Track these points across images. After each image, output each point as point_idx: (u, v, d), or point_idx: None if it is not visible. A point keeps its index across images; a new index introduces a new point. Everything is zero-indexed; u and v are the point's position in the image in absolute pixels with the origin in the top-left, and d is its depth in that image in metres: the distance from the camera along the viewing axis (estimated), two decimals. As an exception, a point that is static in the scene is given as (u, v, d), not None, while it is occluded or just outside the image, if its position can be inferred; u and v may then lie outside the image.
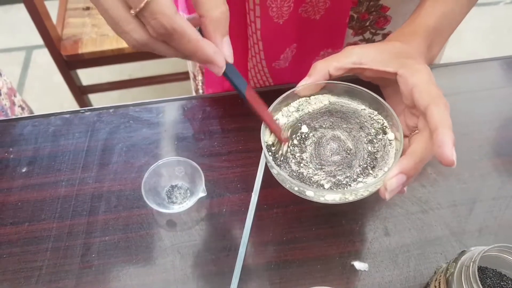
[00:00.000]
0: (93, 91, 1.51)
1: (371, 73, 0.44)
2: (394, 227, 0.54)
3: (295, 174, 0.42)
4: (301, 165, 0.43)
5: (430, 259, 0.52)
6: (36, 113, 0.69)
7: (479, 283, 0.38)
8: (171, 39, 0.35)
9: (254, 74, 0.67)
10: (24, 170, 0.60)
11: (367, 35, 0.64)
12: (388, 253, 0.52)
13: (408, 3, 0.59)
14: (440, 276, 0.45)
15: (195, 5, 0.37)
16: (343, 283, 0.50)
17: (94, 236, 0.54)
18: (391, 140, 0.44)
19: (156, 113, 0.65)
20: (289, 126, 0.46)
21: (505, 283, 0.44)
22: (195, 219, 0.55)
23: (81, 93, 1.47)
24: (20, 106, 1.00)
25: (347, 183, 0.42)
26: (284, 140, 0.44)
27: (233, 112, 0.65)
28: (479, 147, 0.61)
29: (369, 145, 0.44)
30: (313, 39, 0.61)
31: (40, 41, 1.26)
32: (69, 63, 1.33)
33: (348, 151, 0.44)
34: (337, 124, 0.46)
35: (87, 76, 1.56)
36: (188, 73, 0.87)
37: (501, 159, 0.60)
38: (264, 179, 0.56)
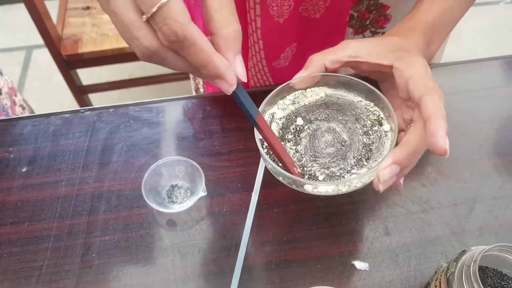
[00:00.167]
0: (93, 90, 1.51)
1: (367, 67, 0.44)
2: (394, 227, 0.54)
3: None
4: (295, 157, 0.43)
5: (430, 258, 0.52)
6: (36, 113, 0.69)
7: (480, 282, 0.38)
8: (182, 47, 0.33)
9: (254, 73, 0.67)
10: (24, 169, 0.60)
11: (367, 34, 0.64)
12: (388, 252, 0.52)
13: (408, 2, 0.59)
14: (440, 275, 0.45)
15: (207, 23, 0.35)
16: (344, 283, 0.50)
17: (94, 235, 0.54)
18: (387, 131, 0.44)
19: (156, 112, 0.65)
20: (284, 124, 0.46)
21: (506, 283, 0.44)
22: (195, 219, 0.55)
23: (81, 92, 1.47)
24: (20, 105, 1.00)
25: (341, 174, 0.41)
26: (297, 175, 0.42)
27: (233, 111, 0.65)
28: (479, 146, 0.61)
29: (364, 136, 0.44)
30: (313, 38, 0.61)
31: (40, 40, 1.26)
32: (69, 63, 1.33)
33: (343, 143, 0.44)
34: (332, 116, 0.46)
35: (87, 75, 1.56)
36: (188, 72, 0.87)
37: (501, 158, 0.60)
38: (264, 178, 0.57)
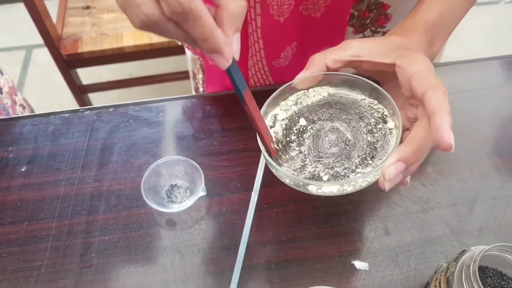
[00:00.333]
0: (93, 90, 1.51)
1: (369, 66, 0.44)
2: (394, 227, 0.54)
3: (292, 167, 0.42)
4: (299, 158, 0.43)
5: (430, 258, 0.51)
6: (36, 112, 0.69)
7: (480, 282, 0.38)
8: (185, 20, 0.32)
9: (254, 72, 0.67)
10: (23, 169, 0.59)
11: (368, 33, 0.64)
12: (388, 252, 0.52)
13: (408, 2, 0.59)
14: (440, 275, 0.45)
15: None
16: (343, 283, 0.50)
17: (93, 235, 0.54)
18: (392, 129, 0.43)
19: (155, 112, 0.65)
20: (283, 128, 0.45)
21: (506, 283, 0.44)
22: (195, 219, 0.55)
23: (81, 92, 1.46)
24: (21, 105, 1.00)
25: (346, 174, 0.41)
26: (273, 151, 0.42)
27: (233, 111, 0.65)
28: (479, 146, 0.61)
29: (369, 135, 0.43)
30: (314, 37, 0.61)
31: (40, 40, 1.26)
32: (69, 62, 1.33)
33: (347, 142, 0.43)
34: (336, 115, 0.45)
35: (87, 75, 1.56)
36: (188, 72, 0.87)
37: (501, 158, 0.60)
38: (264, 178, 0.56)
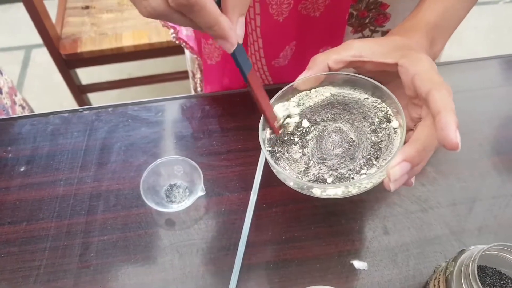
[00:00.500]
0: (93, 90, 1.51)
1: (371, 66, 0.44)
2: (393, 226, 0.54)
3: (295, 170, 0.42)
4: (303, 160, 0.42)
5: (429, 258, 0.51)
6: (35, 112, 0.69)
7: (479, 282, 0.38)
8: (190, 10, 0.34)
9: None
10: (22, 169, 0.59)
11: (367, 33, 0.64)
12: (387, 252, 0.52)
13: (407, 1, 0.59)
14: (439, 275, 0.45)
15: None
16: (342, 282, 0.50)
17: (92, 235, 0.54)
18: (396, 128, 0.42)
19: (155, 112, 0.65)
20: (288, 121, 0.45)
21: (505, 282, 0.44)
22: (194, 218, 0.55)
23: (80, 92, 1.46)
24: (20, 105, 1.00)
25: (350, 176, 0.40)
26: (276, 130, 0.43)
27: (232, 110, 0.65)
28: (478, 146, 0.61)
29: (373, 135, 0.42)
30: (313, 36, 0.61)
31: (39, 40, 1.26)
32: (68, 62, 1.33)
33: (350, 143, 0.42)
34: (339, 115, 0.44)
35: (87, 75, 1.55)
36: (187, 72, 0.87)
37: (501, 157, 0.59)
38: (263, 178, 0.56)
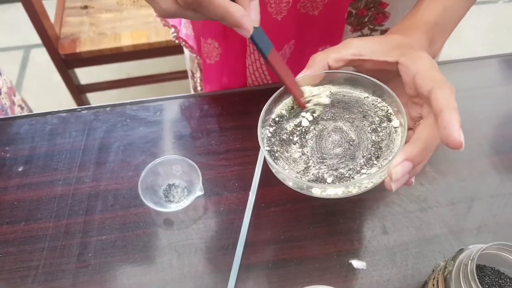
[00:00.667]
0: (92, 90, 1.51)
1: (371, 65, 0.43)
2: (392, 226, 0.54)
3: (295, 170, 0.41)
4: (302, 160, 0.42)
5: (428, 257, 0.51)
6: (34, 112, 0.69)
7: (477, 281, 0.38)
8: (199, 6, 0.35)
9: (252, 71, 0.66)
10: (20, 169, 0.59)
11: (366, 31, 0.64)
12: (386, 251, 0.52)
13: (406, 0, 0.59)
14: (438, 274, 0.45)
15: None
16: (341, 282, 0.50)
17: (90, 235, 0.53)
18: (397, 127, 0.42)
19: (153, 111, 0.65)
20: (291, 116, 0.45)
21: (504, 281, 0.44)
22: (193, 218, 0.55)
23: (79, 92, 1.46)
24: (19, 105, 1.00)
25: (350, 175, 0.40)
26: (302, 105, 0.44)
27: (231, 110, 0.65)
28: (477, 145, 0.61)
29: (373, 134, 0.42)
30: (312, 35, 0.61)
31: (38, 40, 1.26)
32: (67, 62, 1.32)
33: (351, 142, 0.42)
34: (339, 114, 0.44)
35: (86, 75, 1.55)
36: (186, 71, 0.87)
37: (500, 157, 0.59)
38: (261, 177, 0.56)
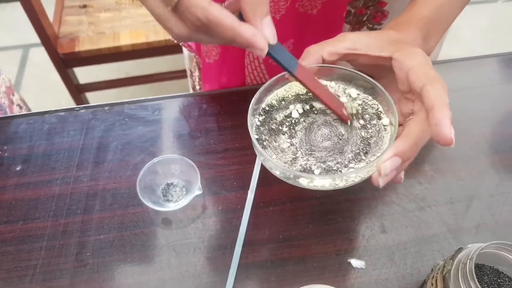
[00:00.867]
0: (90, 89, 1.50)
1: (366, 60, 0.43)
2: (390, 225, 0.54)
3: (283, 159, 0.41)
4: (291, 150, 0.42)
5: (427, 256, 0.51)
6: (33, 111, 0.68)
7: (476, 280, 0.38)
8: (209, 29, 0.36)
9: (250, 70, 0.66)
10: (18, 168, 0.59)
11: (364, 30, 0.64)
12: (384, 250, 0.52)
13: (405, -1, 0.59)
14: (437, 273, 0.45)
15: None
16: (340, 281, 0.50)
17: (89, 234, 0.53)
18: (386, 125, 0.43)
19: (151, 110, 0.65)
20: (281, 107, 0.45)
21: (502, 280, 0.44)
22: (191, 217, 0.55)
23: (78, 91, 1.46)
24: (18, 105, 1.00)
25: (338, 169, 0.40)
26: (346, 118, 0.43)
27: (230, 109, 0.65)
28: (476, 144, 0.61)
29: (363, 130, 0.43)
30: (310, 34, 0.61)
31: (37, 39, 1.26)
32: (66, 61, 1.32)
33: (340, 137, 0.43)
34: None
35: (84, 74, 1.55)
36: (185, 70, 0.87)
37: (499, 155, 0.59)
38: (260, 177, 0.56)
